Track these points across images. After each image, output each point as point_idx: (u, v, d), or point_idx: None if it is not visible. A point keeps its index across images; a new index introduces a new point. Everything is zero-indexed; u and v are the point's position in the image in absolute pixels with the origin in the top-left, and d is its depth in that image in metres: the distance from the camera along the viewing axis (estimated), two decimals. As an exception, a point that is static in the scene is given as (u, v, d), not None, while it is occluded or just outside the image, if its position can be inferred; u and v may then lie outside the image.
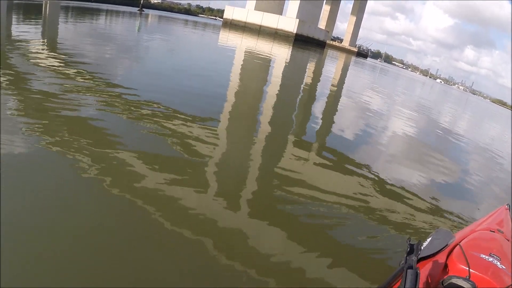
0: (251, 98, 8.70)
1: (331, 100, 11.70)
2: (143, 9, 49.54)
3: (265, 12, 53.49)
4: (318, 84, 15.18)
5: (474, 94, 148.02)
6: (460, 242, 2.19)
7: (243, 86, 9.93)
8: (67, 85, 5.89)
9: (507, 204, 3.17)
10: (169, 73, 9.35)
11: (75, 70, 7.11)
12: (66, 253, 2.26)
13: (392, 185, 4.97)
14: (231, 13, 56.73)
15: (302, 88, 12.45)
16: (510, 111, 78.26)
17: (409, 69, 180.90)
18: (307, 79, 15.97)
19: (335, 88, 15.16)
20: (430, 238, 2.29)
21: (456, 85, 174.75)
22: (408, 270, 1.51)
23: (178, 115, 5.57)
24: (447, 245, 2.16)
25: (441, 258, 2.01)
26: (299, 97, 10.67)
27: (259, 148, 5.32)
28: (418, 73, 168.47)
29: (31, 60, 7.28)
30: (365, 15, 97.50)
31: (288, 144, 5.86)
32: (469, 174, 7.06)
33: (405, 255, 1.69)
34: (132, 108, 5.46)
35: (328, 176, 4.87)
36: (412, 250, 1.72)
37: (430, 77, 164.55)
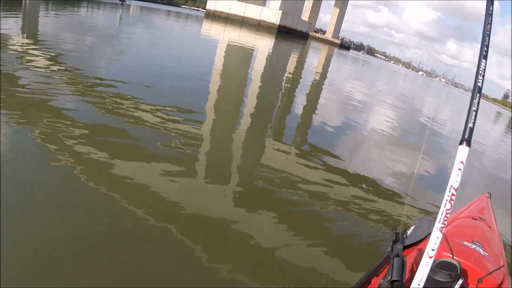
0: (234, 91, 8.81)
1: (313, 92, 11.89)
2: (125, 0, 48.84)
3: (248, 3, 53.29)
4: (301, 75, 15.34)
5: (455, 86, 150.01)
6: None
7: (226, 79, 10.04)
8: (47, 80, 5.89)
9: (487, 192, 3.23)
10: (150, 66, 9.31)
11: (54, 64, 7.09)
12: (61, 253, 2.30)
13: (374, 175, 5.13)
14: (214, 4, 56.31)
15: (284, 80, 12.60)
16: (492, 104, 79.97)
17: (391, 61, 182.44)
18: (290, 70, 16.15)
19: (318, 80, 15.35)
20: (413, 227, 2.36)
21: (438, 78, 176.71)
22: (395, 259, 1.55)
23: (161, 109, 5.61)
24: (430, 233, 2.08)
25: (424, 246, 1.94)
26: (282, 89, 10.83)
27: (242, 140, 5.43)
28: (400, 65, 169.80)
29: (12, 55, 7.24)
30: (348, 7, 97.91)
31: (270, 136, 5.99)
32: (450, 165, 7.15)
33: (391, 244, 1.75)
34: (113, 101, 5.50)
35: (310, 166, 4.95)
36: (398, 238, 1.80)
37: (412, 70, 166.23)
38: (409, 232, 2.29)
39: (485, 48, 1.48)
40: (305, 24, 63.57)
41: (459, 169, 1.26)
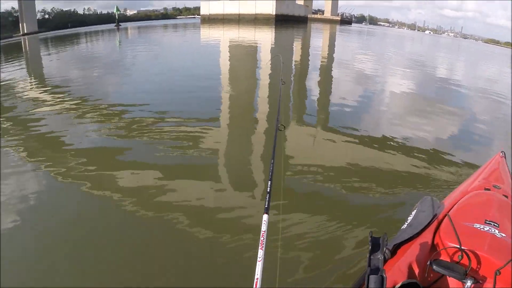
0: (245, 91, 8.62)
1: (323, 74, 11.62)
2: (119, 23, 49.25)
3: (241, 0, 53.02)
4: (308, 60, 15.08)
5: (465, 38, 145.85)
6: (449, 210, 1.90)
7: (235, 81, 9.89)
8: (63, 114, 5.98)
9: (501, 151, 2.74)
10: (157, 84, 9.22)
11: (67, 98, 7.17)
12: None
13: (384, 143, 4.91)
14: (207, 8, 56.19)
15: (293, 68, 12.33)
16: (506, 48, 77.21)
17: (396, 27, 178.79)
18: (296, 58, 15.82)
19: (326, 62, 15.03)
20: (414, 211, 1.98)
21: (446, 33, 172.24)
22: (371, 277, 1.23)
23: (176, 120, 5.59)
24: (435, 216, 1.86)
25: (427, 236, 1.72)
26: (292, 76, 10.59)
27: (261, 135, 5.30)
28: (405, 28, 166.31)
29: (23, 100, 7.29)
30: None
31: (292, 122, 5.85)
32: (468, 122, 6.79)
33: (368, 255, 1.33)
34: (127, 121, 5.51)
35: (334, 148, 4.82)
36: (376, 246, 1.36)
37: (418, 31, 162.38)
38: (410, 218, 1.93)
39: None
40: (302, 8, 62.78)
41: None
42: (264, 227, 1.43)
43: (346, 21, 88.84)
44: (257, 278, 1.20)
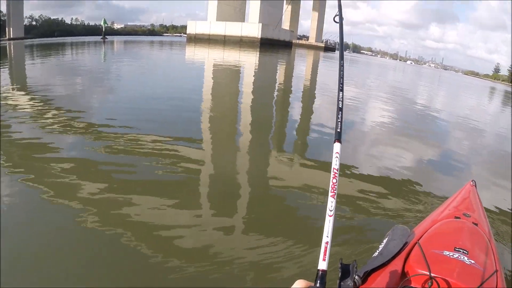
0: (228, 111, 8.86)
1: (306, 99, 11.92)
2: (106, 36, 49.31)
3: (227, 22, 53.81)
4: (291, 86, 15.41)
5: (446, 69, 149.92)
6: (419, 239, 1.95)
7: (218, 100, 10.14)
8: (43, 125, 5.99)
9: (472, 181, 2.80)
10: (141, 98, 9.41)
11: (46, 107, 7.23)
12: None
13: (358, 174, 5.00)
14: (194, 27, 56.83)
15: (275, 93, 12.69)
16: (485, 80, 79.65)
17: (378, 56, 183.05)
18: (279, 82, 16.23)
19: (309, 86, 15.43)
20: (385, 240, 2.01)
21: (427, 64, 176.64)
22: None
23: (160, 140, 5.64)
24: (405, 244, 1.90)
25: (397, 263, 1.74)
26: (274, 101, 10.89)
27: (243, 159, 5.44)
28: (387, 58, 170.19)
29: (3, 105, 7.34)
30: (327, 9, 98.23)
31: (271, 148, 6.05)
32: (443, 152, 7.05)
33: (338, 281, 1.24)
34: (111, 137, 5.60)
35: (310, 174, 4.94)
36: (346, 273, 1.27)
37: (400, 60, 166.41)
38: (381, 246, 1.95)
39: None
40: (287, 32, 64.17)
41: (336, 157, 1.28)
42: (336, 163, 1.25)
43: (330, 48, 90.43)
44: (326, 242, 1.07)
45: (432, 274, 1.53)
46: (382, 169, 5.29)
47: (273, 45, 52.56)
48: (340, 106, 1.46)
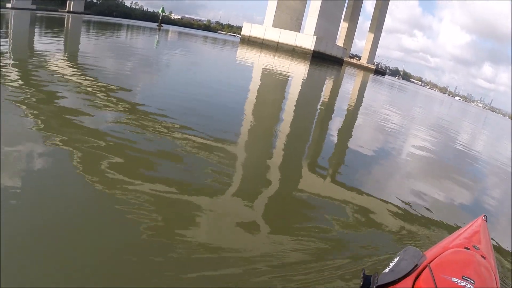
0: (269, 116, 8.56)
1: (348, 118, 11.50)
2: (162, 24, 50.24)
3: (282, 29, 53.73)
4: (335, 102, 15.00)
5: (493, 111, 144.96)
6: (430, 262, 2.04)
7: (260, 104, 9.83)
8: (84, 99, 5.94)
9: (483, 215, 2.95)
10: (186, 88, 9.31)
11: (94, 84, 7.15)
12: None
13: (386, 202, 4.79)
14: (249, 29, 57.09)
15: (319, 106, 12.27)
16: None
17: (427, 87, 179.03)
18: (325, 97, 15.79)
19: (353, 106, 14.94)
20: (397, 258, 2.10)
21: (475, 103, 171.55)
22: None
23: (196, 133, 5.50)
24: (416, 266, 1.98)
25: (407, 282, 1.85)
26: (317, 115, 10.48)
27: (277, 164, 5.22)
28: (436, 90, 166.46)
29: (52, 74, 7.36)
30: (382, 33, 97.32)
31: (305, 161, 5.77)
32: (470, 193, 6.71)
33: None
34: (149, 123, 5.42)
35: (340, 192, 4.75)
36: (367, 283, 1.54)
37: (448, 95, 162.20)
38: (392, 264, 2.04)
39: None
40: (340, 49, 63.33)
41: None
42: None
43: (380, 71, 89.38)
44: None
45: None
46: (405, 194, 5.32)
47: (325, 60, 52.04)
48: None
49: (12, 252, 2.22)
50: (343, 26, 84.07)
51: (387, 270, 2.00)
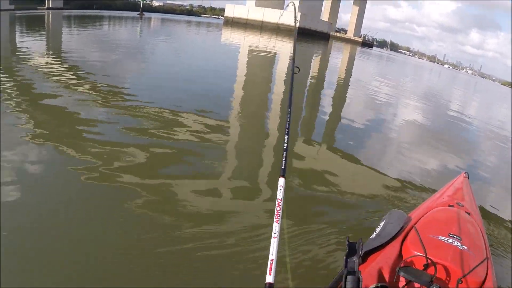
0: (258, 94, 8.62)
1: (339, 91, 11.57)
2: (143, 13, 49.53)
3: (266, 8, 53.14)
4: (325, 76, 15.03)
5: (483, 77, 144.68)
6: (415, 223, 2.05)
7: (250, 83, 9.83)
8: (74, 94, 5.92)
9: (465, 172, 2.99)
10: (173, 73, 9.26)
11: (81, 78, 7.12)
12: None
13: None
14: (232, 11, 56.44)
15: (309, 81, 12.27)
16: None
17: (416, 56, 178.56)
18: (314, 71, 15.76)
19: (343, 79, 15.00)
20: (383, 222, 2.10)
21: (465, 70, 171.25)
22: (348, 277, 1.32)
23: (189, 115, 5.55)
24: (402, 228, 2.00)
25: (395, 245, 1.85)
26: (307, 89, 10.51)
27: (267, 139, 5.33)
28: (425, 59, 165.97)
29: (37, 71, 7.31)
30: (367, 5, 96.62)
31: (298, 135, 5.82)
32: (457, 156, 6.72)
33: (344, 257, 1.43)
34: (138, 109, 5.45)
35: (331, 161, 4.94)
36: (352, 250, 1.49)
37: (437, 63, 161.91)
38: (378, 229, 2.04)
39: None
40: (325, 24, 62.87)
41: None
42: (280, 194, 1.32)
43: (367, 43, 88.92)
44: (272, 260, 1.10)
45: (428, 257, 1.62)
46: (389, 161, 5.46)
47: (311, 35, 51.66)
48: (285, 147, 1.59)
49: (12, 252, 2.22)
50: (327, 1, 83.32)
51: (373, 235, 2.00)
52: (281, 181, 1.39)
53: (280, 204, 1.29)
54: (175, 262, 2.36)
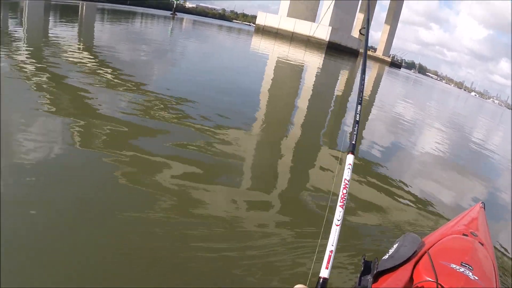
0: (283, 106, 8.45)
1: (363, 110, 11.33)
2: (176, 13, 50.09)
3: (297, 19, 53.17)
4: (350, 93, 14.80)
5: (509, 108, 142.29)
6: (429, 249, 2.03)
7: (275, 93, 9.73)
8: (99, 85, 5.95)
9: (481, 203, 2.93)
10: (200, 76, 9.24)
11: (108, 71, 7.14)
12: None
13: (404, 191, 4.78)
14: (264, 19, 56.66)
15: (334, 97, 12.10)
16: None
17: (443, 81, 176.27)
18: (339, 88, 15.57)
19: (367, 98, 14.73)
20: (396, 245, 2.06)
21: (491, 99, 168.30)
22: None
23: (211, 120, 5.49)
24: (415, 252, 1.96)
25: (407, 268, 1.83)
26: (331, 106, 10.35)
27: (289, 154, 5.21)
28: (452, 85, 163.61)
29: (67, 60, 7.37)
30: (399, 25, 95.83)
31: (318, 152, 5.73)
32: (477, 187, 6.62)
33: (358, 275, 1.45)
34: (163, 109, 5.40)
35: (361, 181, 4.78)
36: (367, 269, 1.50)
37: (464, 90, 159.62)
38: (391, 250, 2.02)
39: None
40: (355, 40, 62.37)
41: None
42: (347, 174, 1.22)
43: (396, 64, 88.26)
44: (331, 251, 1.04)
45: (438, 283, 1.60)
46: (408, 184, 5.24)
47: (340, 51, 51.36)
48: (358, 119, 1.48)
49: (12, 252, 2.14)
50: (359, 17, 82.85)
51: (386, 256, 1.97)
52: (350, 158, 1.33)
53: (347, 186, 1.23)
54: (175, 262, 2.35)
